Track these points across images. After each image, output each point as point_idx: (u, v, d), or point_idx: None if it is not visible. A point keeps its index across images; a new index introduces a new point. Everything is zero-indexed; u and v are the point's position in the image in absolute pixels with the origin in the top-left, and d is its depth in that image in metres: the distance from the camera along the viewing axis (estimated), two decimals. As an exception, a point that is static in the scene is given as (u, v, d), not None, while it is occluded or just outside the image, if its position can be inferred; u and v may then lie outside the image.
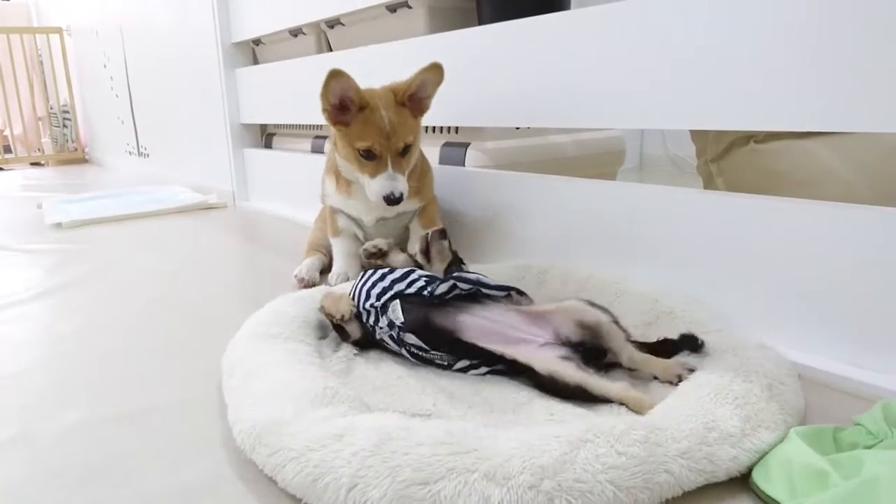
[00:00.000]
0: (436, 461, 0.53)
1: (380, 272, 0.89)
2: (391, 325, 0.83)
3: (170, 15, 2.60)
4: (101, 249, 1.68)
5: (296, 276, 1.24)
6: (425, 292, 0.83)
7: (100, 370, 0.90)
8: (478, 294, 0.84)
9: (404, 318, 0.81)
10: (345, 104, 1.06)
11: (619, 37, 0.98)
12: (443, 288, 0.82)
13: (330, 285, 1.13)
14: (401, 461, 0.54)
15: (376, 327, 0.85)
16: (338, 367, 0.82)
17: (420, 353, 0.81)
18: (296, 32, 1.90)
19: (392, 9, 1.47)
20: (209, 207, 2.25)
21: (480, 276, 0.85)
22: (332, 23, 1.72)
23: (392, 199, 1.07)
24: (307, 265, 1.27)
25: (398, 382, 0.78)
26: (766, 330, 0.81)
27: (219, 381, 0.80)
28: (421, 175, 1.20)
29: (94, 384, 0.85)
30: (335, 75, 1.02)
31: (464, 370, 0.80)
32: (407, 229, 1.25)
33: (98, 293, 1.28)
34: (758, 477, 0.56)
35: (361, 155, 1.08)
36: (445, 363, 0.80)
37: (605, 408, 0.70)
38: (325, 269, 1.30)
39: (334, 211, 1.25)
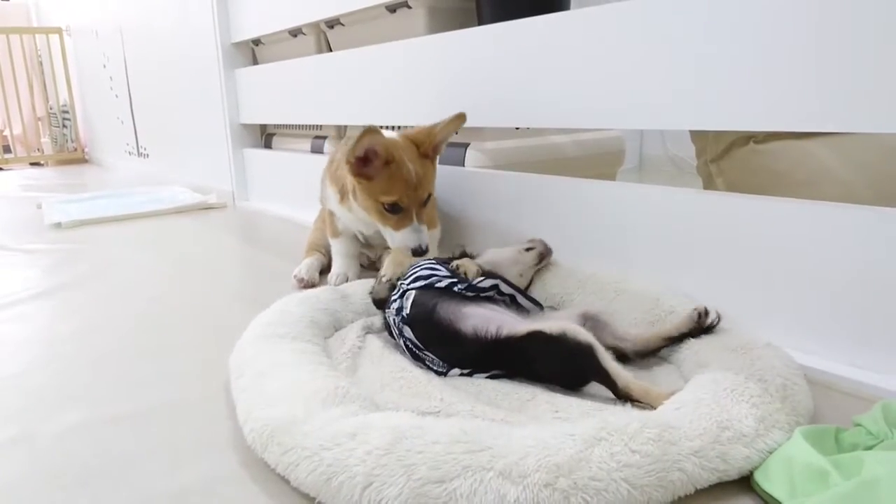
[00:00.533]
0: (451, 459, 0.53)
1: (438, 264, 0.90)
2: (399, 310, 0.84)
3: (169, 15, 2.60)
4: (100, 249, 1.68)
5: (295, 277, 1.24)
6: (456, 288, 0.83)
7: (99, 370, 0.90)
8: (508, 302, 0.86)
9: (411, 309, 0.82)
10: (368, 157, 1.04)
11: (619, 37, 0.98)
12: (485, 284, 0.85)
13: (332, 285, 1.13)
14: (416, 459, 0.54)
15: (392, 305, 0.87)
16: (344, 365, 0.82)
17: (414, 350, 0.82)
18: (295, 33, 1.90)
19: (392, 9, 1.47)
20: (209, 207, 2.25)
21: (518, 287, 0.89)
22: (332, 23, 1.72)
23: (419, 252, 1.06)
24: (307, 265, 1.27)
25: (403, 375, 0.78)
26: (766, 330, 0.81)
27: (219, 381, 0.81)
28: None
29: (94, 384, 0.85)
30: (371, 132, 1.00)
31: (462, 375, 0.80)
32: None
33: (97, 293, 1.28)
34: (759, 476, 0.56)
35: (386, 208, 1.07)
36: (435, 368, 0.80)
37: (612, 406, 0.69)
38: (325, 270, 1.31)
39: (333, 213, 1.25)
